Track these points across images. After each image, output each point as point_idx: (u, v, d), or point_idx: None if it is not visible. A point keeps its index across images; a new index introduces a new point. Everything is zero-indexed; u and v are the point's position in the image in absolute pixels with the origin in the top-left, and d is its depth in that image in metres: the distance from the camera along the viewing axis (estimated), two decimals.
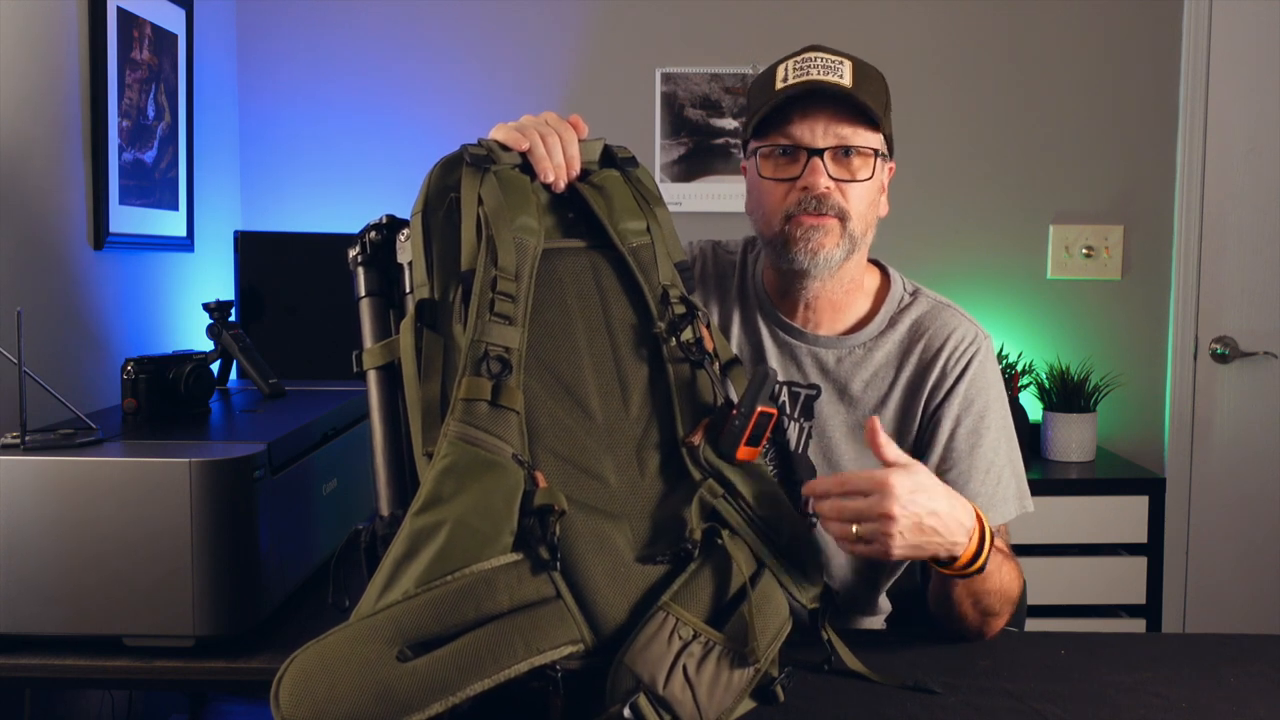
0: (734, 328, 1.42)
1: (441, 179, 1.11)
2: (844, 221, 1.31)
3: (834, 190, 1.29)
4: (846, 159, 1.30)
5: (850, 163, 1.30)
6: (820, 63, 1.30)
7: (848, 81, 1.28)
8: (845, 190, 1.30)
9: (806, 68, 1.29)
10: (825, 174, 1.29)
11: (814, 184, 1.29)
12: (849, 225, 1.31)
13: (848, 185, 1.30)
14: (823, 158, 1.28)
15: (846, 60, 1.31)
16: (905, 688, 1.12)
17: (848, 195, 1.30)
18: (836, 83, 1.28)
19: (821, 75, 1.28)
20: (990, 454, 1.35)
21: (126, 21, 2.17)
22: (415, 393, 1.03)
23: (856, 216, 1.31)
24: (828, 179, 1.29)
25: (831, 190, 1.29)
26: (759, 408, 1.09)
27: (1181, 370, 2.92)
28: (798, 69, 1.30)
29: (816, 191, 1.29)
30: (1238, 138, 2.88)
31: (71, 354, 1.99)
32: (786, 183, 1.31)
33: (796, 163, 1.30)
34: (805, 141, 1.29)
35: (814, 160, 1.29)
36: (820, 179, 1.29)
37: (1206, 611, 2.91)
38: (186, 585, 1.29)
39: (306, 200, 2.86)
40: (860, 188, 1.31)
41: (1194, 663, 1.21)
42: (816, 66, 1.29)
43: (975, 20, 2.88)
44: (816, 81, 1.28)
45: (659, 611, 0.99)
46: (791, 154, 1.30)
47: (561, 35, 2.86)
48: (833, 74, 1.29)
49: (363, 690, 0.87)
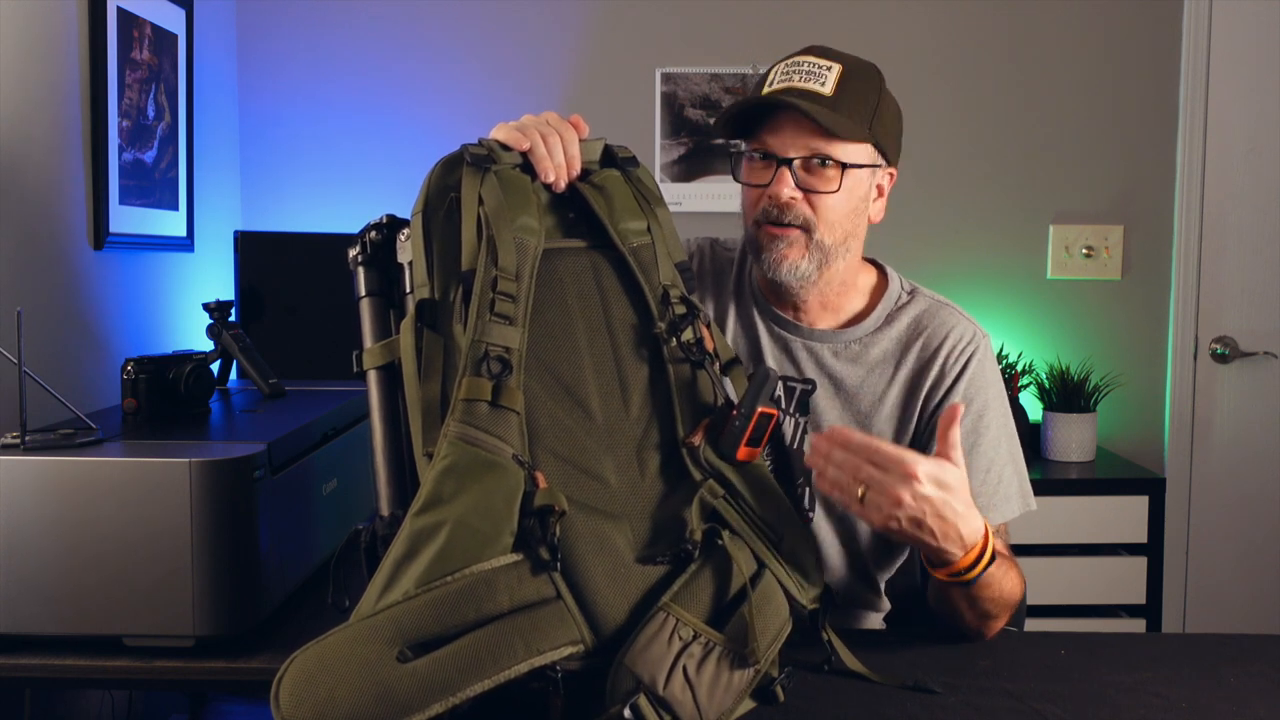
0: (730, 323, 1.42)
1: (442, 179, 1.11)
2: (809, 233, 1.30)
3: (799, 201, 1.29)
4: (822, 168, 1.29)
5: (824, 172, 1.29)
6: (806, 68, 1.29)
7: (828, 90, 1.28)
8: (814, 201, 1.29)
9: (791, 73, 1.30)
10: (790, 184, 1.28)
11: (777, 194, 1.29)
12: (815, 236, 1.30)
13: (817, 196, 1.29)
14: (791, 167, 1.28)
15: (836, 65, 1.30)
16: (905, 688, 1.12)
17: (816, 206, 1.30)
18: (814, 91, 1.27)
19: (801, 83, 1.28)
20: (990, 453, 1.35)
21: (126, 21, 2.17)
22: (415, 393, 1.03)
23: (826, 227, 1.30)
24: (792, 189, 1.28)
25: (796, 201, 1.29)
26: (759, 408, 1.09)
27: (1181, 370, 2.92)
28: (784, 75, 1.30)
29: (779, 201, 1.29)
30: (1238, 138, 2.87)
31: (71, 354, 1.99)
32: (759, 188, 1.31)
33: (768, 170, 1.30)
34: (775, 149, 1.29)
35: (781, 169, 1.29)
36: (783, 189, 1.28)
37: (1206, 611, 2.91)
38: (186, 585, 1.29)
39: (306, 200, 2.86)
40: (831, 198, 1.30)
41: (1194, 663, 1.20)
42: (800, 72, 1.29)
43: (975, 20, 2.88)
44: (794, 89, 1.28)
45: (659, 612, 0.99)
46: (766, 160, 1.31)
47: (561, 35, 2.86)
48: (814, 81, 1.28)
49: (363, 691, 0.87)
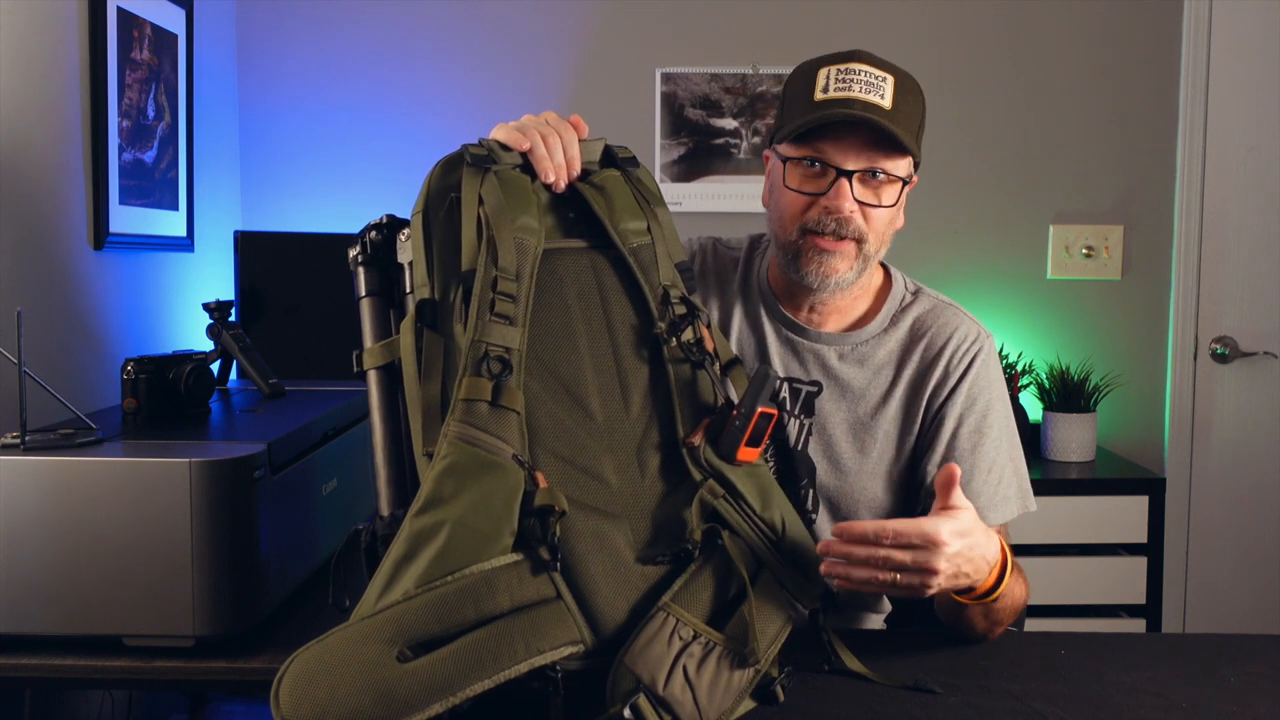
0: (735, 323, 1.42)
1: (442, 179, 1.11)
2: (860, 244, 1.30)
3: (857, 213, 1.28)
4: (875, 181, 1.28)
5: (878, 186, 1.28)
6: (864, 78, 1.26)
7: (888, 103, 1.25)
8: (868, 213, 1.29)
9: (849, 82, 1.26)
10: (851, 197, 1.27)
11: (838, 207, 1.27)
12: (865, 247, 1.30)
13: (871, 209, 1.29)
14: (851, 180, 1.27)
15: (890, 76, 1.27)
16: (905, 688, 1.12)
17: (869, 218, 1.29)
18: (877, 104, 1.24)
19: (863, 94, 1.25)
20: (992, 453, 1.35)
21: (126, 21, 2.17)
22: (415, 393, 1.03)
23: (874, 238, 1.30)
24: (853, 203, 1.27)
25: (855, 214, 1.28)
26: (759, 408, 1.09)
27: (1181, 370, 2.92)
28: (840, 82, 1.26)
29: (840, 215, 1.27)
30: (1238, 138, 2.87)
31: (71, 354, 1.99)
32: (810, 196, 1.29)
33: (824, 179, 1.28)
34: (836, 161, 1.27)
35: (841, 181, 1.27)
36: (846, 203, 1.27)
37: (1206, 611, 2.91)
38: (186, 585, 1.29)
39: (306, 200, 2.86)
40: (883, 211, 1.29)
41: (1194, 663, 1.21)
42: (860, 82, 1.26)
43: (976, 20, 2.88)
44: (857, 101, 1.24)
45: (659, 612, 0.99)
46: (821, 169, 1.28)
47: (561, 35, 2.86)
48: (874, 93, 1.25)
49: (363, 691, 0.87)
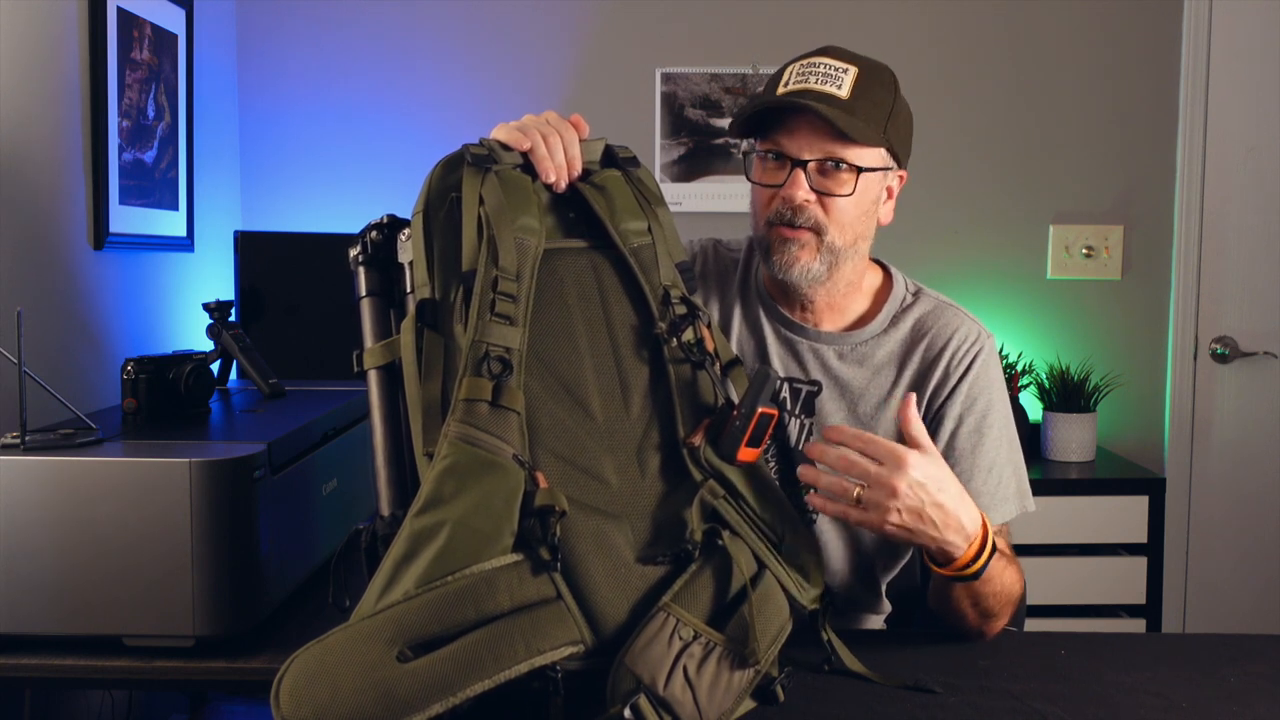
0: (735, 324, 1.42)
1: (443, 179, 1.11)
2: (820, 235, 1.30)
3: (813, 203, 1.28)
4: (836, 171, 1.28)
5: (838, 175, 1.29)
6: (822, 69, 1.28)
7: (845, 93, 1.26)
8: (828, 204, 1.29)
9: (807, 75, 1.28)
10: (804, 186, 1.28)
11: (791, 196, 1.28)
12: (826, 238, 1.30)
13: (830, 199, 1.29)
14: (805, 169, 1.28)
15: (853, 67, 1.28)
16: (905, 688, 1.12)
17: (829, 209, 1.29)
18: (830, 93, 1.26)
19: (818, 85, 1.27)
20: (992, 453, 1.35)
21: (126, 21, 2.17)
22: (416, 393, 1.03)
23: (837, 229, 1.30)
24: (806, 191, 1.28)
25: (810, 203, 1.28)
26: (760, 409, 1.09)
27: (1181, 370, 2.92)
28: (799, 76, 1.29)
29: (794, 203, 1.28)
30: (1238, 138, 2.87)
31: (71, 354, 1.99)
32: (772, 188, 1.30)
33: (782, 170, 1.30)
34: (790, 151, 1.28)
35: (796, 171, 1.28)
36: (798, 191, 1.28)
37: (1206, 611, 2.91)
38: (186, 585, 1.29)
39: (306, 200, 2.85)
40: (843, 201, 1.29)
41: (1194, 663, 1.21)
42: (817, 74, 1.28)
43: (976, 20, 2.88)
44: (811, 91, 1.26)
45: (659, 612, 0.99)
46: (780, 160, 1.30)
47: (561, 35, 2.86)
48: (830, 83, 1.27)
49: (363, 691, 0.87)
